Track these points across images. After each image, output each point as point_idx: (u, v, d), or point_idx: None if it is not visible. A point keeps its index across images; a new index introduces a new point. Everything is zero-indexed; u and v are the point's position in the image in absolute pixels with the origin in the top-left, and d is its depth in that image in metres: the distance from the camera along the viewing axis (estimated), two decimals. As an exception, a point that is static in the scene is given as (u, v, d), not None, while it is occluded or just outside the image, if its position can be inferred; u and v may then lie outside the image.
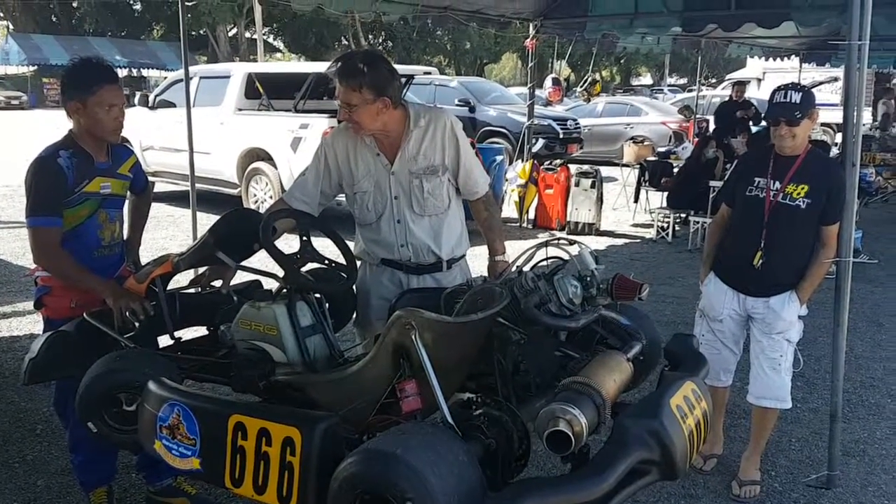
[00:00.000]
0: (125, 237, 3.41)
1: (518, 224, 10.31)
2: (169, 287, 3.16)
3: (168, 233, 9.20)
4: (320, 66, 10.29)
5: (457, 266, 3.21)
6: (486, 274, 3.27)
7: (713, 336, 3.69)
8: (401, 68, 3.36)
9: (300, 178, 3.19)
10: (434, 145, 3.06)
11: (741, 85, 13.00)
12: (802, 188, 3.40)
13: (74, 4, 41.18)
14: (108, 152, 3.19)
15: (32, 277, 3.22)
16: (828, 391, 3.83)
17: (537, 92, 11.87)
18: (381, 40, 41.55)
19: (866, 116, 16.09)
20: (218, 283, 3.09)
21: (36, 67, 39.33)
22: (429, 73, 13.29)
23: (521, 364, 2.49)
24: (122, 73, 41.50)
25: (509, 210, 10.50)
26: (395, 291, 3.11)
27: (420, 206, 3.07)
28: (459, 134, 3.11)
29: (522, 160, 10.60)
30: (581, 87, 17.86)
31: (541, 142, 11.53)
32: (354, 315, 3.33)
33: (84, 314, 2.96)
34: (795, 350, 3.57)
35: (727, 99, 13.31)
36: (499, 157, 10.38)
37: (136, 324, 2.97)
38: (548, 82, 15.36)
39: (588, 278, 2.55)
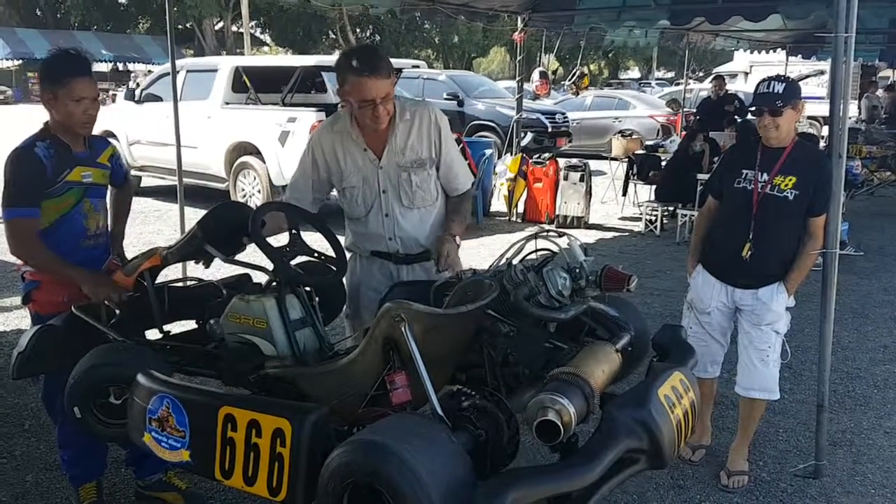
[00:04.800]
0: (109, 230, 3.40)
1: (507, 218, 10.33)
2: (157, 280, 3.16)
3: (155, 227, 9.17)
4: (308, 60, 10.29)
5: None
6: (474, 266, 3.27)
7: (701, 328, 3.71)
8: (389, 62, 3.34)
9: (292, 179, 3.23)
10: (420, 138, 3.06)
11: (720, 80, 13.01)
12: (790, 180, 3.42)
13: (59, -2, 40.88)
14: (85, 142, 3.17)
15: (19, 273, 3.20)
16: (815, 382, 3.87)
17: (525, 85, 11.88)
18: (368, 34, 41.42)
19: (852, 109, 16.18)
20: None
21: (21, 62, 39.02)
22: (417, 67, 13.28)
23: (510, 355, 2.50)
24: (107, 67, 41.28)
25: (498, 204, 10.52)
26: (386, 283, 3.12)
27: (409, 199, 3.08)
28: (444, 126, 3.11)
29: (511, 154, 10.61)
30: (569, 80, 17.85)
31: (529, 135, 11.53)
32: (345, 307, 3.33)
33: (72, 307, 2.95)
34: (783, 341, 3.60)
35: (708, 96, 13.33)
36: (488, 151, 10.39)
37: (117, 311, 2.96)
38: (535, 76, 15.35)
39: (577, 270, 2.55)
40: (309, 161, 3.15)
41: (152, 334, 3.23)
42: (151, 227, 9.21)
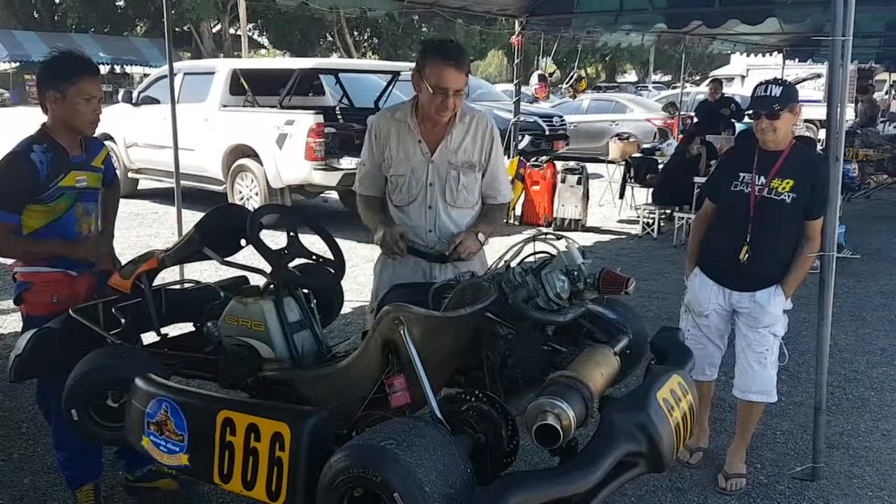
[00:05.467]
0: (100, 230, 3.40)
1: (505, 221, 10.31)
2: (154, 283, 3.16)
3: (152, 230, 9.15)
4: (305, 63, 10.28)
5: (476, 256, 3.24)
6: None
7: (698, 331, 3.72)
8: (387, 65, 3.38)
9: (361, 168, 3.32)
10: (474, 142, 3.18)
11: (717, 83, 13.06)
12: (787, 183, 3.42)
13: (57, 0, 40.79)
14: (81, 145, 3.17)
15: (11, 273, 3.20)
16: (812, 385, 3.87)
17: (523, 89, 11.89)
18: (366, 37, 41.43)
19: (849, 113, 16.21)
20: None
21: (18, 64, 38.98)
22: (414, 70, 13.26)
23: (509, 358, 2.51)
24: (104, 69, 41.20)
25: (496, 206, 10.51)
26: (419, 281, 3.14)
27: (452, 196, 3.17)
28: (496, 137, 3.26)
29: (509, 157, 10.61)
30: (567, 83, 17.89)
31: (527, 138, 11.55)
32: (370, 301, 3.39)
33: (69, 310, 2.95)
34: (780, 344, 3.60)
35: (704, 100, 13.39)
36: (485, 154, 10.38)
37: (123, 320, 2.96)
38: (533, 79, 15.39)
39: (575, 273, 2.56)
40: (373, 148, 3.22)
41: (150, 337, 3.23)
42: (148, 229, 9.19)
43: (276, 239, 3.00)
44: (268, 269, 2.87)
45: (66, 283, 3.10)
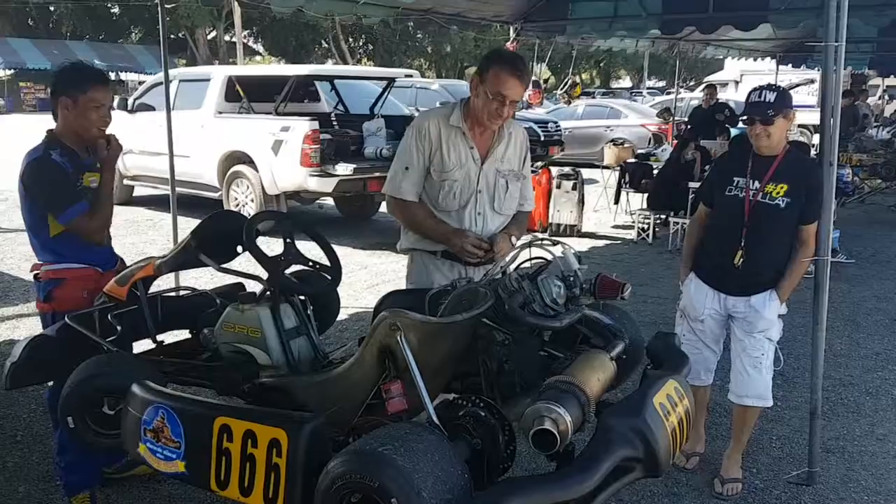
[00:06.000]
0: None
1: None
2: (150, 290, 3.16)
3: (148, 237, 9.15)
4: (301, 70, 10.29)
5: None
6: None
7: (694, 336, 3.73)
8: (382, 71, 3.39)
9: (402, 172, 3.18)
10: (515, 152, 3.27)
11: (711, 88, 13.12)
12: (781, 188, 3.44)
13: (51, 8, 40.75)
14: (87, 149, 3.28)
15: (33, 274, 3.29)
16: (807, 389, 3.88)
17: (518, 94, 11.90)
18: (361, 43, 41.48)
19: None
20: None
21: (13, 71, 38.89)
22: (410, 76, 13.30)
23: (505, 364, 2.51)
24: (100, 77, 41.12)
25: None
26: None
27: (499, 203, 3.23)
28: (528, 148, 3.36)
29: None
30: (561, 89, 17.92)
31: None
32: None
33: (66, 318, 2.94)
34: (776, 348, 3.61)
35: (698, 105, 13.44)
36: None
37: (119, 327, 2.95)
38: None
39: (571, 278, 2.56)
40: (419, 149, 3.15)
41: (146, 344, 3.23)
42: (144, 236, 9.18)
43: (272, 245, 3.00)
44: (264, 275, 2.87)
45: (94, 278, 3.22)
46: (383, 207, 11.04)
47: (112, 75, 41.51)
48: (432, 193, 3.18)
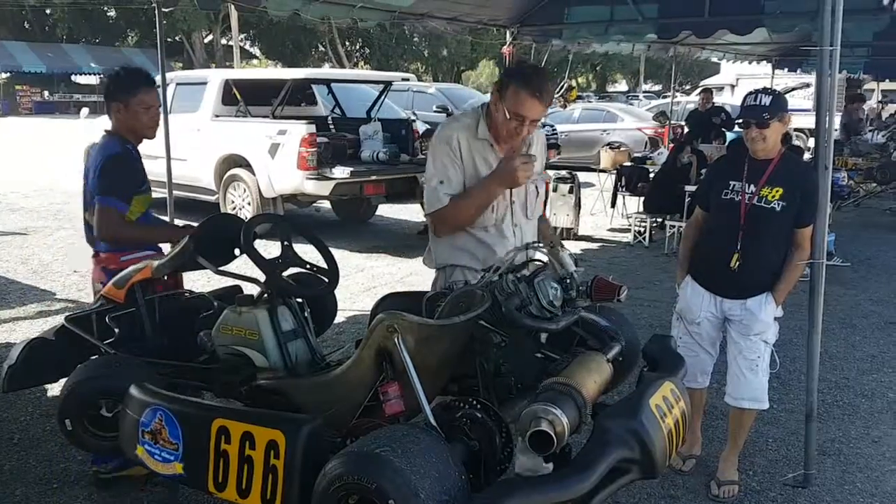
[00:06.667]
0: None
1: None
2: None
3: (145, 240, 9.13)
4: (298, 73, 10.29)
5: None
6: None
7: (690, 338, 3.74)
8: (379, 75, 3.40)
9: (438, 184, 3.02)
10: (538, 156, 3.17)
11: (707, 92, 13.17)
12: (777, 191, 3.46)
13: (48, 11, 40.73)
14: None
15: (101, 266, 3.44)
16: (803, 392, 3.89)
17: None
18: (358, 47, 41.53)
19: (838, 121, 16.32)
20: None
21: (8, 75, 38.89)
22: (407, 80, 13.32)
23: (502, 366, 2.51)
24: (94, 80, 41.14)
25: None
26: None
27: (531, 210, 3.18)
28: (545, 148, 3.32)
29: (500, 166, 10.63)
30: (557, 93, 17.93)
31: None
32: None
33: (63, 320, 2.95)
34: (772, 351, 3.62)
35: (694, 109, 13.51)
36: (477, 163, 10.41)
37: (117, 330, 2.96)
38: (524, 88, 15.41)
39: (568, 281, 2.57)
40: (456, 159, 3.02)
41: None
42: (140, 239, 9.17)
43: (269, 248, 3.01)
44: (262, 278, 2.88)
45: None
46: (380, 210, 11.07)
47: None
48: None
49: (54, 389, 4.21)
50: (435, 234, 3.15)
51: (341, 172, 8.67)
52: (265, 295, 2.87)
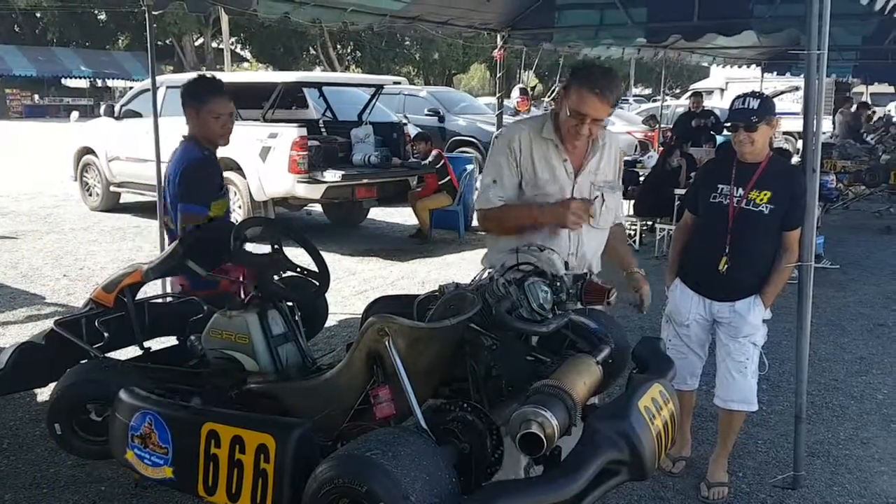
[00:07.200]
0: None
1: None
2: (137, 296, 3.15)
3: (134, 244, 9.11)
4: (288, 76, 10.29)
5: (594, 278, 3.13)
6: (457, 280, 3.29)
7: (679, 341, 3.75)
8: (370, 78, 3.42)
9: (491, 185, 3.04)
10: (609, 162, 3.13)
11: (698, 96, 13.26)
12: (765, 194, 3.48)
13: (38, 15, 40.58)
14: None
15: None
16: (792, 393, 3.91)
17: (505, 102, 11.96)
18: (349, 50, 41.51)
19: (826, 125, 16.42)
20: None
21: (-1, 78, 38.71)
22: (398, 83, 13.33)
23: (493, 369, 2.52)
24: (85, 83, 41.02)
25: (479, 219, 10.55)
26: None
27: (596, 218, 3.08)
28: (622, 156, 3.25)
29: (492, 169, 10.64)
30: (548, 97, 17.97)
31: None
32: None
33: (53, 324, 2.94)
34: (761, 353, 3.64)
35: (686, 110, 13.60)
36: (469, 167, 10.44)
37: (106, 334, 2.95)
38: (515, 92, 15.41)
39: (558, 284, 2.58)
40: (511, 161, 3.01)
41: (133, 351, 3.23)
42: (130, 243, 9.15)
43: (260, 251, 3.01)
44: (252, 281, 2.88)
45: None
46: (371, 214, 11.06)
47: (98, 82, 41.48)
48: None
49: (44, 394, 4.20)
50: (483, 230, 3.20)
51: (332, 176, 8.67)
52: (255, 298, 2.87)
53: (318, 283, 3.09)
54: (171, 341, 3.37)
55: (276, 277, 2.97)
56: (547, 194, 3.00)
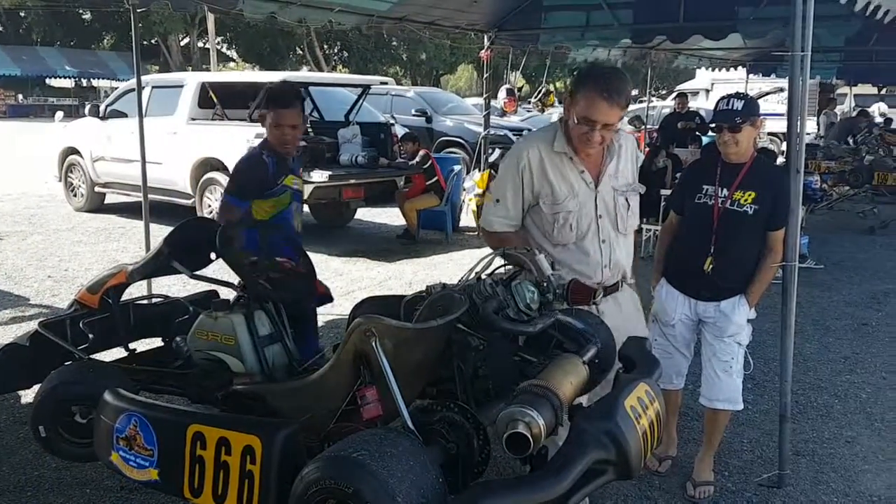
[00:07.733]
0: None
1: (476, 233, 10.36)
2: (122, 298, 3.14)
3: (119, 244, 9.06)
4: (275, 76, 10.25)
5: (626, 284, 3.11)
6: (444, 281, 3.29)
7: (665, 340, 3.77)
8: (357, 78, 3.46)
9: (493, 204, 2.96)
10: (627, 163, 3.01)
11: (683, 97, 13.35)
12: (749, 195, 3.50)
13: (22, 14, 40.26)
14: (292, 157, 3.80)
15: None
16: (777, 393, 3.93)
17: (492, 102, 11.98)
18: (336, 50, 41.43)
19: (811, 126, 16.54)
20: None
21: (-18, 78, 38.39)
22: (385, 84, 13.32)
23: (480, 369, 2.52)
24: (70, 83, 40.73)
25: (467, 219, 10.56)
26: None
27: (623, 224, 2.98)
28: (638, 156, 3.15)
29: (479, 170, 10.66)
30: (535, 97, 17.99)
31: (497, 151, 11.58)
32: None
33: (37, 326, 2.92)
34: (746, 352, 3.66)
35: (672, 111, 13.69)
36: (456, 167, 10.44)
37: (91, 335, 2.94)
38: (502, 93, 15.45)
39: (544, 284, 2.59)
40: (518, 181, 2.90)
41: (118, 352, 3.21)
42: (115, 244, 9.09)
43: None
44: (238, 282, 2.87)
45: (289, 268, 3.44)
46: (359, 214, 11.05)
47: (83, 82, 41.20)
48: (545, 227, 2.92)
49: (28, 396, 4.16)
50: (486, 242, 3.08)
51: (320, 176, 8.64)
52: (241, 299, 2.86)
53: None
54: (156, 342, 3.35)
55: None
56: (568, 210, 2.88)
